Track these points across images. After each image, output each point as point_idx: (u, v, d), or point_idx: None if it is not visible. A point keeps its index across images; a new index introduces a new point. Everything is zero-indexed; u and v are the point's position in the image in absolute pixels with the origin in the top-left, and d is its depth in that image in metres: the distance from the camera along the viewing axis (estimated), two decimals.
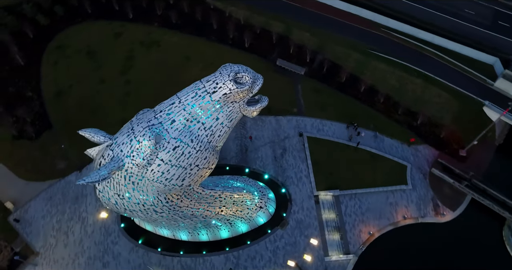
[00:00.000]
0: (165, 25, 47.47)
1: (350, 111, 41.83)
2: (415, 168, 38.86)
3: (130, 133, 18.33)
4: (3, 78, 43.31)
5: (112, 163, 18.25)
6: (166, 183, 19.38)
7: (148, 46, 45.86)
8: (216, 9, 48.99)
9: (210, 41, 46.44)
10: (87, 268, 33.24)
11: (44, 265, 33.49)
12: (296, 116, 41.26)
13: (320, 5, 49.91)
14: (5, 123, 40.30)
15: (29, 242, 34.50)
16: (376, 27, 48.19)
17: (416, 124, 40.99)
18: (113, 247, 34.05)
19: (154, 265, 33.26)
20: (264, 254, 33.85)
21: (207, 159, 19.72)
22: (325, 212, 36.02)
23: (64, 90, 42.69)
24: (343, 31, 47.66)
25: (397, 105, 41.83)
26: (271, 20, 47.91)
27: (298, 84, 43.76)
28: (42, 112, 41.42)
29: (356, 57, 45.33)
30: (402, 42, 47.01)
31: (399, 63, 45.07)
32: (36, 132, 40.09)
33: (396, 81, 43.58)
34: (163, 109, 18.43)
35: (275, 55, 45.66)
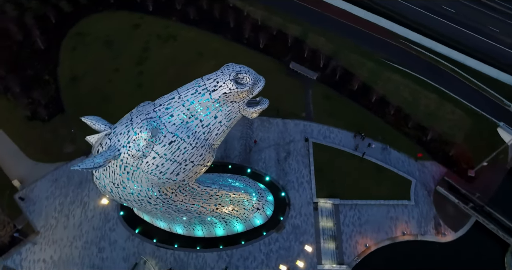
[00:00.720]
0: (183, 20, 47.97)
1: (359, 121, 41.31)
2: (420, 184, 38.06)
3: (129, 124, 18.52)
4: (23, 60, 44.67)
5: (108, 152, 18.49)
6: (160, 176, 19.53)
7: (164, 39, 46.45)
8: (234, 7, 49.18)
9: (225, 39, 46.67)
10: (83, 251, 33.96)
11: (43, 245, 34.37)
12: (304, 121, 41.03)
13: (339, 11, 49.44)
14: (20, 104, 41.59)
15: (31, 221, 35.47)
16: (394, 37, 47.39)
17: (425, 139, 40.13)
18: (110, 234, 34.67)
19: (147, 255, 33.69)
20: (257, 256, 33.81)
21: (202, 156, 19.74)
22: (323, 220, 35.67)
23: (79, 76, 43.69)
24: (359, 39, 47.10)
25: (408, 118, 41.04)
26: (288, 23, 47.76)
27: (309, 89, 43.51)
28: (56, 96, 42.52)
29: (370, 66, 44.70)
30: (419, 55, 46.09)
31: (414, 76, 44.22)
32: (49, 115, 41.17)
33: (409, 94, 42.75)
34: (162, 103, 18.54)
35: (289, 58, 45.51)
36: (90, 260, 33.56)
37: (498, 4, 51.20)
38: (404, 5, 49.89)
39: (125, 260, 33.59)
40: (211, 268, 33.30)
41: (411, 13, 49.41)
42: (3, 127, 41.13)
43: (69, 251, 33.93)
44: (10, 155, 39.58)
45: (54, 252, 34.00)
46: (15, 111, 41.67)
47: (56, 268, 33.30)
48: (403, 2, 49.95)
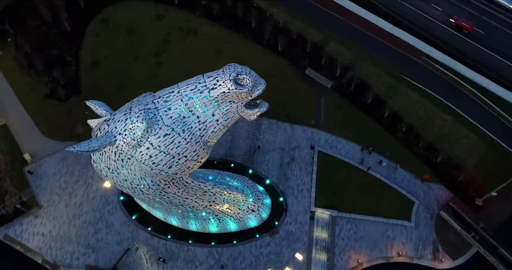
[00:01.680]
0: (206, 15, 48.43)
1: (368, 134, 40.57)
2: (423, 206, 37.03)
3: (127, 112, 18.86)
4: (50, 40, 46.38)
5: (104, 137, 18.89)
6: (153, 167, 19.79)
7: (185, 33, 47.06)
8: (258, 8, 49.20)
9: (245, 38, 46.80)
10: (80, 230, 35.00)
11: (44, 219, 35.67)
12: (312, 128, 40.68)
13: (364, 21, 48.56)
14: (41, 81, 43.24)
15: (36, 195, 36.87)
16: (417, 54, 46.06)
17: (435, 161, 38.95)
18: (108, 217, 35.56)
19: (140, 243, 34.35)
20: (246, 257, 33.85)
21: (196, 152, 19.81)
22: (318, 230, 35.30)
23: (100, 61, 44.92)
24: (380, 51, 46.08)
25: (419, 138, 39.93)
26: (309, 28, 47.38)
27: (322, 96, 43.08)
28: (75, 78, 43.92)
29: (388, 80, 43.74)
30: (440, 74, 44.62)
31: (432, 95, 42.90)
32: (66, 95, 42.61)
33: (424, 113, 41.56)
34: (162, 95, 18.73)
35: (306, 63, 45.19)
36: (85, 239, 34.57)
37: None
38: (433, 22, 48.43)
39: (118, 243, 34.40)
40: (200, 263, 33.62)
41: (439, 31, 47.95)
42: (23, 102, 42.94)
43: (67, 228, 35.06)
44: (25, 129, 41.26)
45: (53, 227, 35.23)
46: (36, 88, 43.36)
47: (53, 243, 34.50)
48: (433, 19, 48.54)
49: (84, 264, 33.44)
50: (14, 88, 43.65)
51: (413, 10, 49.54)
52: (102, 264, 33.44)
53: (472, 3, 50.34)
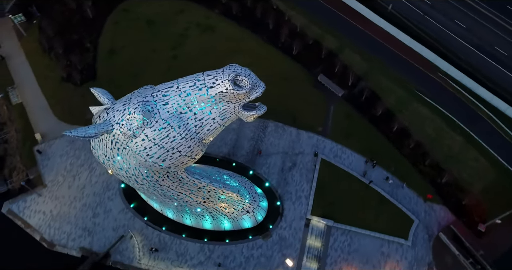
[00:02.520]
0: (225, 13, 48.74)
1: (374, 147, 39.93)
2: (422, 226, 36.17)
3: (126, 103, 19.19)
4: (72, 25, 47.74)
5: (102, 125, 19.28)
6: (147, 159, 20.09)
7: (203, 29, 47.52)
8: (277, 10, 49.16)
9: (261, 39, 46.87)
10: (79, 212, 35.91)
11: (47, 198, 36.77)
12: (319, 135, 40.36)
13: (383, 33, 47.77)
14: (60, 65, 44.58)
15: (42, 174, 38.04)
16: (433, 70, 44.88)
17: (440, 181, 37.95)
18: (107, 202, 36.34)
19: (135, 231, 34.94)
20: (237, 257, 33.92)
21: (190, 148, 19.95)
22: (311, 238, 35.02)
23: (117, 50, 45.91)
24: (395, 64, 45.18)
25: (426, 156, 38.99)
26: (326, 34, 46.99)
27: (332, 104, 42.69)
28: (92, 64, 45.05)
29: (400, 94, 42.87)
30: (455, 93, 43.35)
31: (444, 113, 41.77)
32: (81, 80, 43.74)
33: (433, 131, 40.54)
34: (161, 89, 18.96)
35: (319, 69, 44.87)
36: (83, 222, 35.44)
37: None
38: (455, 40, 47.11)
39: (114, 230, 35.11)
40: (191, 258, 33.93)
41: (459, 48, 46.61)
42: (40, 83, 44.39)
43: (67, 210, 36.04)
44: (39, 109, 42.64)
45: (54, 207, 36.28)
46: (54, 70, 44.74)
47: (53, 222, 35.53)
48: (455, 36, 47.29)
49: (79, 245, 34.30)
50: (34, 69, 45.18)
51: (435, 25, 48.40)
52: (96, 247, 34.20)
53: (497, 23, 48.74)
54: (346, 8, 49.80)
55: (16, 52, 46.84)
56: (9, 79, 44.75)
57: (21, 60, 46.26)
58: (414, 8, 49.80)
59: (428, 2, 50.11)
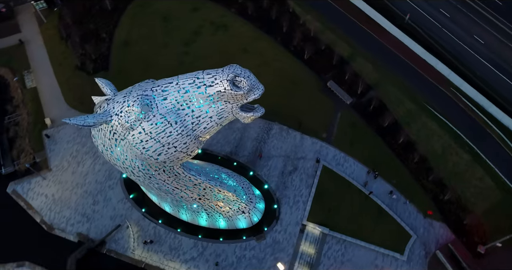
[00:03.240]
0: (240, 13, 48.92)
1: (378, 158, 39.43)
2: (419, 242, 35.53)
3: (127, 95, 19.44)
4: (90, 15, 48.76)
5: (101, 115, 19.61)
6: (143, 151, 20.34)
7: (217, 27, 47.81)
8: (293, 13, 49.05)
9: (274, 41, 46.86)
10: (80, 198, 36.66)
11: (50, 181, 37.69)
12: (322, 142, 40.10)
13: (397, 43, 47.04)
14: (75, 53, 45.62)
15: (48, 158, 39.01)
16: (446, 84, 43.95)
17: (442, 198, 37.20)
18: (108, 191, 36.99)
19: (132, 222, 35.47)
20: (229, 256, 34.05)
21: (186, 144, 20.07)
22: (305, 244, 34.85)
23: (131, 42, 46.66)
24: (408, 76, 44.49)
25: (431, 171, 38.26)
26: (340, 41, 46.63)
27: (339, 111, 42.35)
28: (106, 55, 45.89)
29: (409, 106, 42.17)
30: (467, 110, 42.37)
31: (452, 130, 40.89)
32: (94, 69, 44.63)
33: (440, 147, 39.74)
34: (161, 84, 19.13)
35: (329, 76, 44.58)
36: (83, 208, 36.19)
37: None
38: (472, 55, 46.05)
39: (112, 218, 35.71)
40: (183, 253, 34.23)
41: (475, 64, 45.50)
42: (55, 69, 45.51)
43: (69, 195, 36.86)
44: (51, 95, 43.72)
45: (57, 191, 37.15)
46: (69, 58, 45.79)
47: (54, 206, 36.39)
48: (471, 51, 46.22)
49: (76, 231, 35.04)
50: (50, 56, 46.37)
51: (452, 39, 47.43)
52: (93, 234, 34.89)
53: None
54: (362, 15, 49.32)
55: (35, 37, 48.20)
56: (25, 63, 46.06)
57: (39, 46, 47.55)
58: (432, 20, 48.94)
59: (447, 15, 49.16)
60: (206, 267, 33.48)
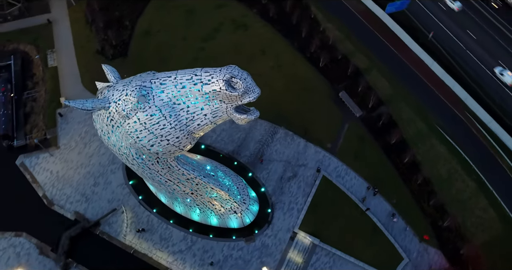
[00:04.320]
0: (262, 14, 49.05)
1: (380, 175, 38.66)
2: (411, 266, 34.62)
3: (126, 84, 19.91)
4: (117, 3, 50.16)
5: (99, 101, 20.21)
6: (137, 140, 20.81)
7: (236, 26, 48.14)
8: (314, 19, 48.72)
9: (291, 45, 46.72)
10: (82, 179, 37.83)
11: (57, 159, 39.09)
12: (326, 151, 39.70)
13: (416, 60, 45.78)
14: (98, 38, 47.09)
15: (58, 136, 40.47)
16: (461, 108, 42.56)
17: (441, 224, 36.07)
18: (109, 175, 37.98)
19: (128, 207, 36.29)
20: (216, 254, 34.29)
21: (179, 139, 20.35)
22: (293, 252, 34.65)
23: (152, 33, 47.71)
24: (422, 95, 43.35)
25: (433, 195, 37.18)
26: (358, 52, 45.98)
27: (347, 123, 41.80)
28: (126, 42, 47.14)
29: (420, 127, 41.10)
30: (479, 136, 40.88)
31: (461, 155, 39.61)
32: (113, 55, 45.97)
33: (446, 172, 38.53)
34: (160, 77, 19.50)
35: (342, 86, 44.06)
36: (83, 188, 37.32)
37: None
38: (493, 81, 44.32)
39: (109, 201, 36.66)
40: (173, 244, 34.74)
41: (496, 91, 43.81)
42: (77, 51, 47.09)
43: (72, 174, 38.10)
44: (70, 75, 45.29)
45: (61, 169, 38.48)
46: (91, 41, 47.34)
47: (57, 182, 37.72)
48: (493, 77, 44.54)
49: (74, 209, 36.20)
50: (74, 38, 48.06)
51: (475, 62, 45.87)
52: (89, 215, 35.94)
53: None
54: (384, 28, 48.43)
55: (62, 19, 50.06)
56: (50, 43, 47.93)
57: (65, 27, 49.36)
58: (456, 40, 47.51)
59: (473, 37, 47.59)
60: (192, 262, 33.89)
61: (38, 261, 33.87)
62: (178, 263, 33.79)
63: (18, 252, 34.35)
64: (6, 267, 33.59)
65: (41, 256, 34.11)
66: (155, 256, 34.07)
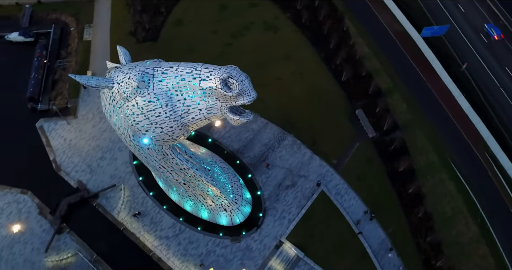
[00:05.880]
0: (294, 19, 48.78)
1: (381, 201, 37.48)
2: None
3: (132, 68, 20.64)
4: None
5: (104, 80, 21.08)
6: (133, 124, 21.62)
7: (267, 27, 48.21)
8: (346, 32, 47.81)
9: (317, 54, 46.19)
10: (91, 150, 39.55)
11: (73, 128, 41.12)
12: (330, 167, 39.04)
13: (444, 90, 43.65)
14: (133, 19, 48.96)
15: (78, 106, 42.57)
16: (481, 147, 40.27)
17: (434, 263, 34.45)
18: (116, 152, 39.44)
19: (127, 186, 37.55)
20: (200, 247, 34.77)
21: (172, 129, 20.90)
22: (275, 261, 34.44)
23: (184, 22, 48.85)
24: (442, 126, 41.48)
25: (431, 231, 35.57)
26: (383, 72, 44.71)
27: (358, 142, 40.85)
28: (159, 28, 48.48)
29: (432, 158, 39.37)
30: (494, 180, 38.43)
31: (470, 196, 37.57)
32: (144, 38, 47.61)
33: (450, 210, 36.71)
34: (163, 66, 20.07)
35: (360, 104, 43.06)
36: (90, 159, 39.01)
37: None
38: None
39: (111, 177, 38.10)
40: (161, 229, 35.60)
41: None
42: (112, 29, 49.11)
43: (82, 144, 39.93)
44: (101, 51, 47.32)
45: (74, 138, 40.45)
46: (126, 22, 49.21)
47: (68, 149, 39.73)
48: None
49: (78, 178, 37.97)
50: (112, 16, 50.24)
51: (507, 103, 43.14)
52: (90, 186, 37.57)
53: None
54: (416, 52, 46.68)
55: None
56: (90, 18, 50.36)
57: (106, 5, 51.68)
58: (491, 75, 44.98)
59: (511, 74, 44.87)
60: (176, 250, 34.58)
61: (36, 220, 35.92)
62: (162, 248, 34.61)
63: (20, 208, 36.58)
64: (7, 220, 35.91)
65: (39, 216, 36.16)
66: (142, 237, 35.09)
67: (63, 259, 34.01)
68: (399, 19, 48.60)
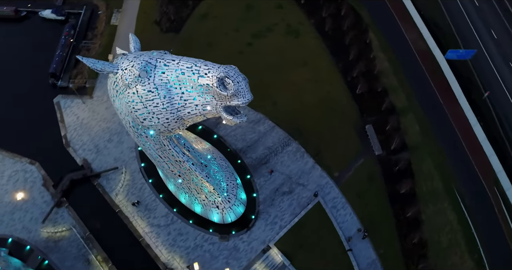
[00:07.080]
0: (317, 26, 48.30)
1: (377, 221, 36.63)
2: None
3: (137, 56, 21.27)
4: None
5: (109, 65, 21.85)
6: (132, 111, 22.26)
7: (289, 31, 47.94)
8: (367, 44, 46.86)
9: (335, 64, 45.61)
10: (100, 131, 40.83)
11: (87, 107, 42.60)
12: (331, 179, 38.56)
13: (461, 116, 41.91)
14: (160, 9, 50.03)
15: (95, 87, 44.11)
16: (491, 180, 38.43)
17: None
18: (124, 136, 40.51)
19: (128, 170, 38.52)
20: (188, 241, 35.22)
21: (168, 120, 21.40)
22: (260, 265, 34.41)
23: (209, 17, 49.36)
24: (453, 153, 39.97)
25: (424, 260, 34.45)
26: (400, 90, 43.52)
27: (363, 158, 40.08)
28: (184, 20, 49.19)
29: (436, 185, 38.04)
30: (499, 217, 36.49)
31: (470, 230, 35.98)
32: (168, 28, 48.58)
33: (447, 241, 35.37)
34: (166, 59, 20.56)
35: (371, 119, 42.21)
36: (98, 140, 40.31)
37: None
38: None
39: (115, 159, 39.22)
40: (154, 217, 36.32)
41: None
42: (139, 16, 50.37)
43: (93, 125, 41.28)
44: (124, 37, 48.35)
45: (87, 117, 41.89)
46: (153, 10, 50.42)
47: (78, 127, 41.23)
48: None
49: (84, 156, 39.32)
50: (141, 4, 51.51)
51: None
52: (94, 165, 38.81)
53: None
54: (437, 73, 45.11)
55: None
56: (120, 3, 51.86)
57: None
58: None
59: None
60: (165, 239, 35.19)
61: (39, 191, 37.53)
62: (152, 236, 35.33)
63: (26, 177, 38.33)
64: (13, 187, 37.72)
65: (43, 187, 37.75)
66: (134, 222, 35.94)
67: (57, 232, 35.38)
68: (426, 38, 47.18)
